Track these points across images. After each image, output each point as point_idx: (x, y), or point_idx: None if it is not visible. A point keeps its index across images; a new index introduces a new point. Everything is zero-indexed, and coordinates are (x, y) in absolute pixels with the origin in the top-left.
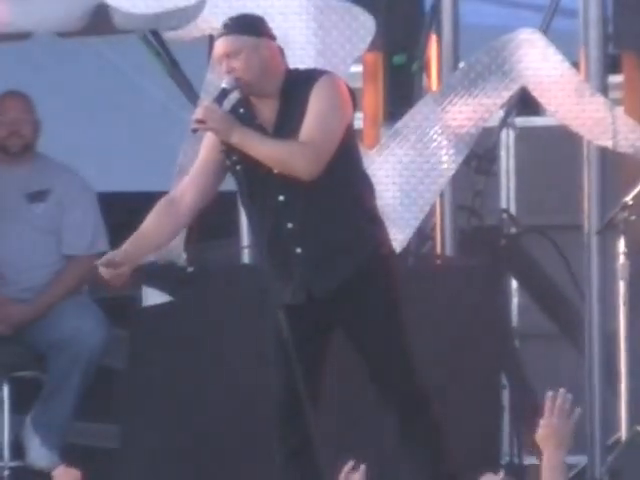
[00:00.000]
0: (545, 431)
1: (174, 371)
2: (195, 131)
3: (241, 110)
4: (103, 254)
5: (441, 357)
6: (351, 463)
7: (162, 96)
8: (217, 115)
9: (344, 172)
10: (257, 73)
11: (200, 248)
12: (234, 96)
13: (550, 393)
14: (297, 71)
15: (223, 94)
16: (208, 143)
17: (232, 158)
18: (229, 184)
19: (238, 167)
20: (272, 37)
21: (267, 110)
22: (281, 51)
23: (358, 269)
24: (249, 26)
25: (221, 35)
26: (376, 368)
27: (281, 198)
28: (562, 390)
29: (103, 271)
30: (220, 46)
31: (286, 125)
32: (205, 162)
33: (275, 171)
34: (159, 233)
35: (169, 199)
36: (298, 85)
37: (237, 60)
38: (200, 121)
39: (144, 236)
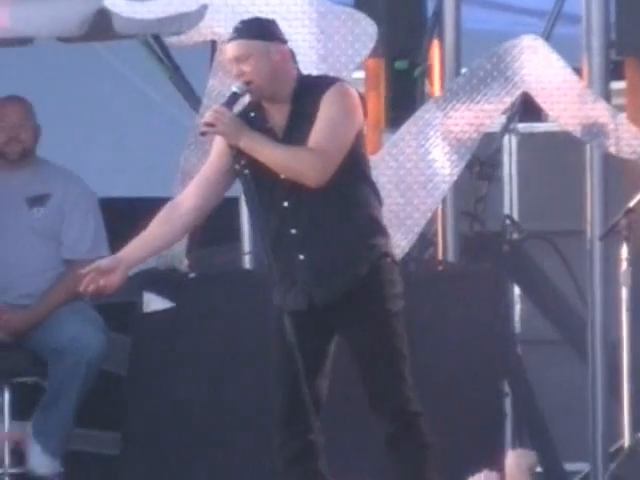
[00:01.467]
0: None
1: (175, 377)
2: (204, 134)
3: (252, 114)
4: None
5: (443, 363)
6: None
7: (164, 101)
8: (226, 118)
9: (351, 180)
10: (267, 77)
11: (202, 254)
12: (245, 100)
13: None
14: (310, 77)
15: (234, 98)
16: (217, 149)
17: (241, 162)
18: (231, 190)
19: (246, 171)
20: (283, 41)
21: (278, 114)
22: (292, 55)
23: (360, 278)
24: (260, 30)
25: (232, 39)
26: (369, 377)
27: (285, 204)
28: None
29: (89, 280)
30: (230, 50)
31: (296, 130)
32: (211, 168)
33: (282, 177)
34: (157, 238)
35: (172, 204)
36: (310, 91)
37: (247, 64)
38: (209, 124)
39: (142, 241)
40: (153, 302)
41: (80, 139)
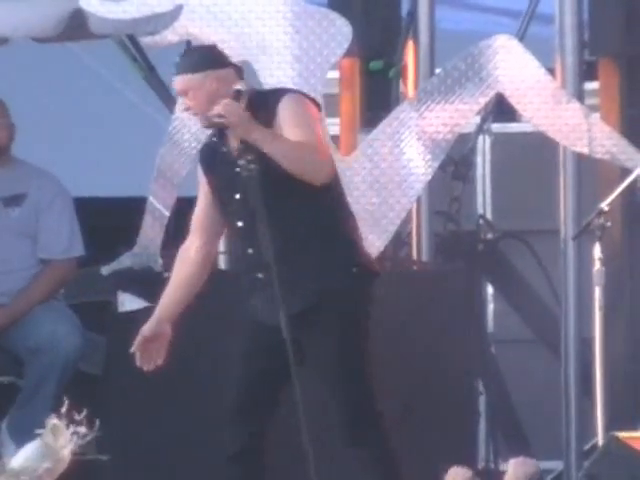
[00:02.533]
0: None
1: (151, 376)
2: (212, 126)
3: (214, 138)
4: (79, 258)
5: (417, 362)
6: None
7: (139, 101)
8: (237, 110)
9: (310, 195)
10: (206, 107)
11: (176, 253)
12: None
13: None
14: (261, 92)
15: (238, 94)
16: (203, 187)
17: (247, 158)
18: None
19: (252, 166)
20: (222, 65)
21: (232, 137)
22: (235, 75)
23: (320, 295)
24: (193, 63)
25: (174, 74)
26: (331, 390)
27: (240, 224)
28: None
29: (144, 353)
30: (175, 85)
31: (250, 150)
32: (206, 205)
33: (236, 197)
34: (183, 282)
35: (182, 249)
36: (261, 106)
37: (188, 98)
38: (220, 115)
39: (171, 293)
40: (128, 302)
41: (55, 138)
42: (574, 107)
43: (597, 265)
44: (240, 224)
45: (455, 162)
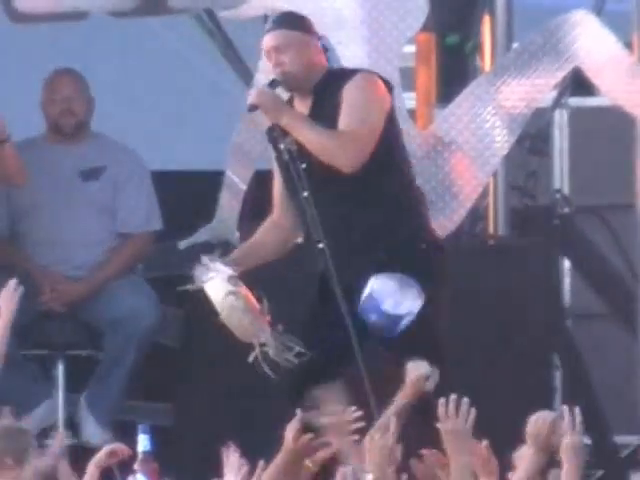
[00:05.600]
0: (446, 437)
1: (229, 350)
2: (252, 110)
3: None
4: (156, 232)
5: (493, 336)
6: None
7: (216, 74)
8: (268, 97)
9: (378, 169)
10: (303, 69)
11: (253, 226)
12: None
13: (441, 400)
14: (335, 70)
15: (273, 83)
16: (277, 182)
17: (285, 141)
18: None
19: (291, 147)
20: (318, 37)
21: (301, 106)
22: (325, 50)
23: (377, 266)
24: (298, 22)
25: (271, 29)
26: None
27: (305, 194)
28: (453, 397)
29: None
30: (270, 40)
31: (318, 122)
32: (283, 188)
33: (304, 165)
34: (266, 247)
35: (272, 219)
36: (332, 83)
37: (286, 55)
38: (253, 104)
39: (254, 246)
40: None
41: (133, 113)
42: None
43: None
44: (305, 194)
45: (532, 137)
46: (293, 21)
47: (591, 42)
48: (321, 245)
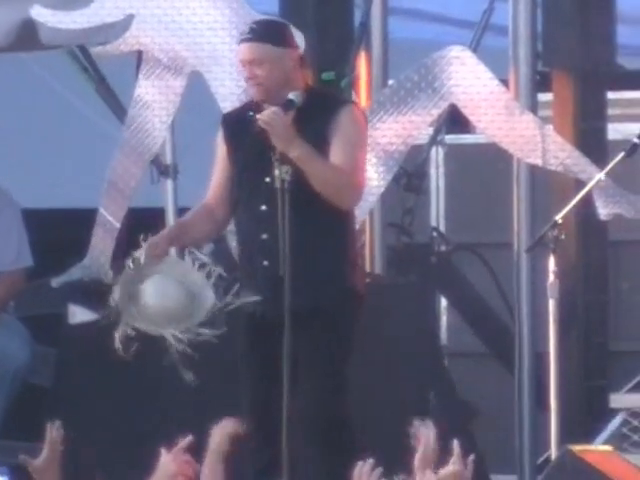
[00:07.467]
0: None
1: (102, 388)
2: (258, 133)
3: (250, 113)
4: (28, 269)
5: (369, 376)
6: (370, 461)
7: (89, 111)
8: (282, 122)
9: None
10: (278, 84)
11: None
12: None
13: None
14: (318, 91)
15: (290, 104)
16: (222, 162)
17: (282, 170)
18: (158, 201)
19: (286, 177)
20: (296, 46)
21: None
22: (303, 61)
23: (316, 301)
24: (275, 35)
25: (246, 40)
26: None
27: (263, 208)
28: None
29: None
30: (245, 52)
31: (287, 161)
32: (225, 179)
33: (266, 180)
34: (200, 229)
35: (206, 205)
36: (321, 105)
37: (261, 69)
38: (267, 123)
39: (188, 226)
40: (79, 314)
41: (4, 149)
42: (528, 118)
43: (551, 278)
44: (264, 208)
45: (408, 174)
46: (272, 34)
47: (467, 78)
48: (266, 263)
